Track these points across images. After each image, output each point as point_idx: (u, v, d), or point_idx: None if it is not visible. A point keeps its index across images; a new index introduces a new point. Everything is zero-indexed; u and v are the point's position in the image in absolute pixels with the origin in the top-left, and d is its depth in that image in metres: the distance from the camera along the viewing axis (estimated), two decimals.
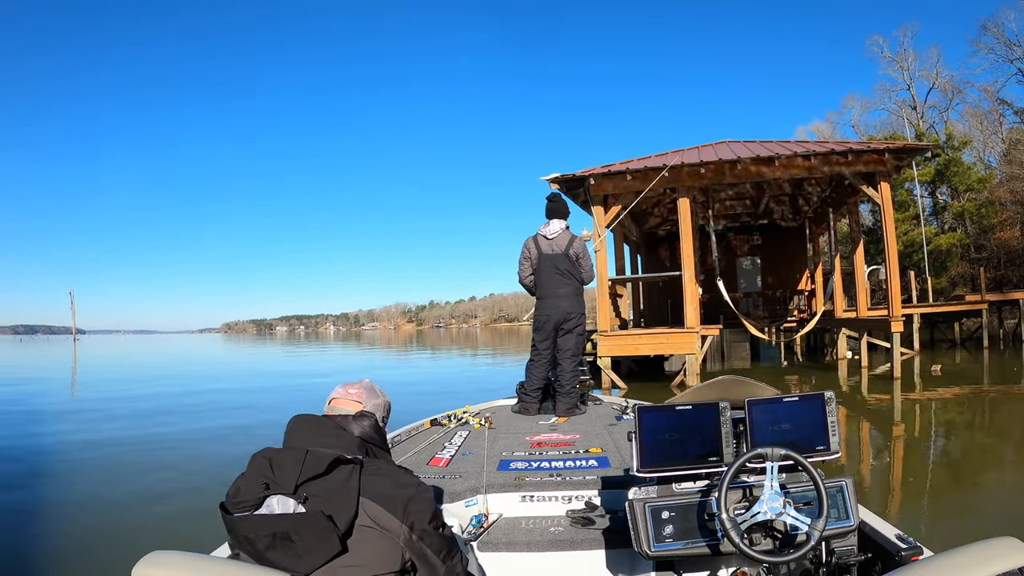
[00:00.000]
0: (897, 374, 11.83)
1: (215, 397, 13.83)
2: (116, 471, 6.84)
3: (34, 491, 6.11)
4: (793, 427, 2.09)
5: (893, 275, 12.49)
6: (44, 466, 7.19)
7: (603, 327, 12.53)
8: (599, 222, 12.56)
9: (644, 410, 2.07)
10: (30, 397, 14.52)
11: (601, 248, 12.51)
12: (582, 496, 2.78)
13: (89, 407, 12.55)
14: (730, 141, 14.29)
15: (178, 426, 9.75)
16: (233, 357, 36.02)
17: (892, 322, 12.06)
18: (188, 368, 25.98)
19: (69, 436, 9.14)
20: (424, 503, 1.50)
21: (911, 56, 38.13)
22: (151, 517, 5.15)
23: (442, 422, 4.25)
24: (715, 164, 12.08)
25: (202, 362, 30.88)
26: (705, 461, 2.08)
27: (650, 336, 12.55)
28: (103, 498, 5.80)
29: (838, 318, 15.75)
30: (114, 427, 9.70)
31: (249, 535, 1.38)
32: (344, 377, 1.99)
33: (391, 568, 1.44)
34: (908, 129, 36.07)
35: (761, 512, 1.84)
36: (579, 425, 4.18)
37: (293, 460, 1.43)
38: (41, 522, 5.15)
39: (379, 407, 1.77)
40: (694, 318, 12.33)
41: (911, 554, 1.88)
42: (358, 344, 56.01)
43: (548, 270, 4.91)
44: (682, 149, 13.90)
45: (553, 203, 5.03)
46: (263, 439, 5.67)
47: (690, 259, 12.48)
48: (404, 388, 14.28)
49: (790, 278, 20.02)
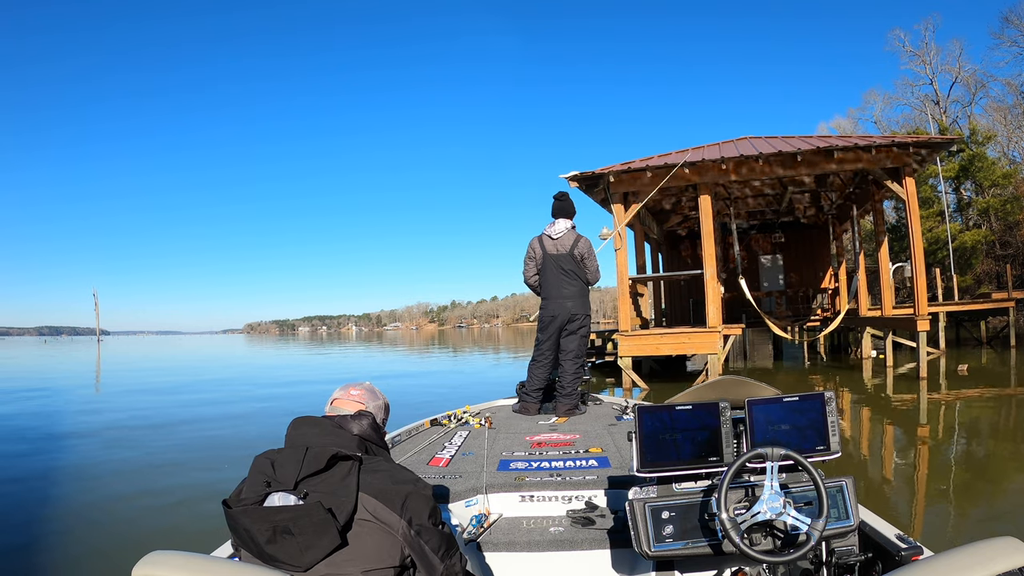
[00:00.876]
0: (923, 374, 11.52)
1: (243, 397, 13.91)
2: (136, 471, 6.85)
3: (53, 489, 6.14)
4: (793, 427, 2.10)
5: (919, 272, 12.20)
6: (60, 465, 7.22)
7: (624, 327, 12.37)
8: (619, 220, 12.41)
9: (644, 410, 2.08)
10: (47, 398, 14.68)
11: (621, 247, 12.37)
12: (582, 496, 2.79)
13: (107, 407, 12.67)
14: (751, 137, 14.06)
15: (196, 427, 9.79)
16: (261, 358, 36.20)
17: (918, 320, 11.77)
18: (212, 369, 26.16)
19: (82, 437, 9.19)
20: (422, 499, 1.51)
21: (933, 50, 37.53)
22: (168, 516, 5.16)
23: (442, 422, 4.26)
24: (736, 160, 11.88)
25: (225, 362, 31.15)
26: (705, 461, 2.08)
27: (671, 336, 12.38)
28: (123, 496, 5.81)
29: (862, 317, 15.48)
30: (128, 422, 9.77)
31: (249, 527, 1.40)
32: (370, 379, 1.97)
33: (391, 563, 1.45)
34: (931, 124, 35.41)
35: (761, 512, 1.84)
36: (579, 425, 4.18)
37: (293, 458, 1.45)
38: (54, 519, 5.17)
39: (379, 408, 1.80)
40: (716, 317, 12.15)
41: (911, 554, 1.87)
42: (380, 344, 55.98)
43: (553, 270, 4.84)
44: (703, 146, 13.72)
45: (559, 202, 4.94)
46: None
47: (712, 257, 12.30)
48: (429, 386, 14.26)
49: (813, 276, 19.72)
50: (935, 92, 37.57)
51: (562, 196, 4.96)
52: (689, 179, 12.22)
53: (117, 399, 14.57)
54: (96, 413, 11.78)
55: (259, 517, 1.39)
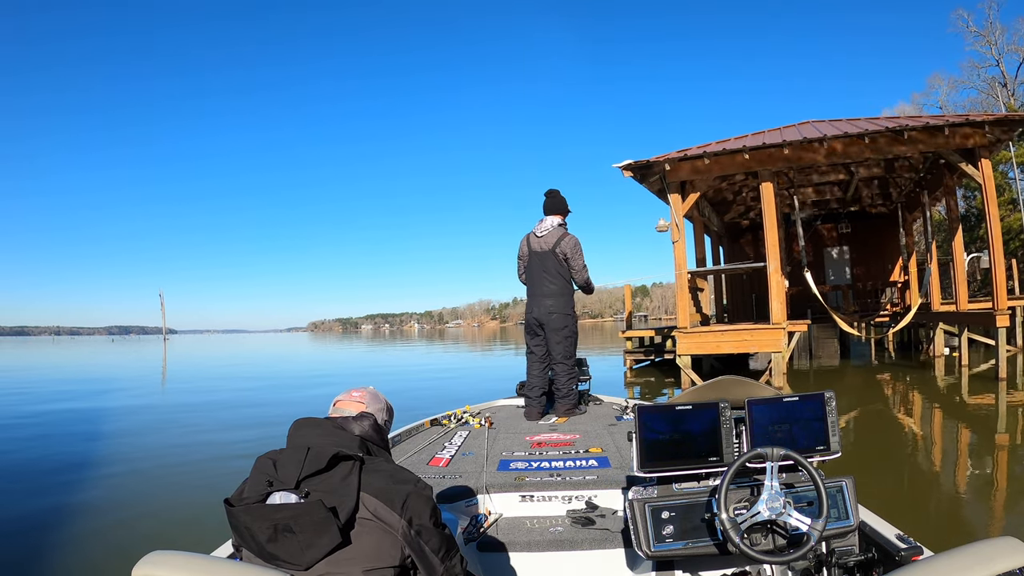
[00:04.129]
0: (1003, 374, 10.43)
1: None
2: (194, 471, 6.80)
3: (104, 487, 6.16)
4: (793, 427, 2.10)
5: (998, 263, 11.14)
6: (117, 461, 7.23)
7: (682, 323, 11.72)
8: (676, 211, 11.78)
9: (644, 410, 2.07)
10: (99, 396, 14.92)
11: (679, 238, 11.74)
12: (582, 496, 2.79)
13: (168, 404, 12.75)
14: (814, 121, 13.23)
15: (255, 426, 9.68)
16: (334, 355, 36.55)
17: (997, 316, 10.68)
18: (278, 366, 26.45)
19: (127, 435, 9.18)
20: (422, 499, 1.50)
21: (998, 29, 35.33)
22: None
23: (442, 422, 4.28)
24: (799, 144, 11.09)
25: (294, 360, 31.51)
26: (705, 461, 2.08)
27: (733, 333, 11.67)
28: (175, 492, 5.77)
29: (935, 312, 14.45)
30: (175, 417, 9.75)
31: (251, 526, 1.39)
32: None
33: (391, 562, 1.44)
34: (1000, 108, 33.35)
35: (761, 512, 1.84)
36: (579, 425, 4.18)
37: (295, 458, 1.44)
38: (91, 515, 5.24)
39: (381, 410, 1.79)
40: (780, 313, 11.38)
41: (911, 554, 1.85)
42: (442, 341, 56.14)
43: (536, 268, 4.81)
44: (763, 131, 12.99)
45: (549, 199, 4.88)
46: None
47: (775, 248, 11.54)
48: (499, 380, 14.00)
49: (881, 269, 18.57)
50: (1002, 74, 35.48)
51: (551, 193, 4.90)
52: (749, 165, 11.50)
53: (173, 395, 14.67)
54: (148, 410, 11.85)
55: (260, 515, 1.39)
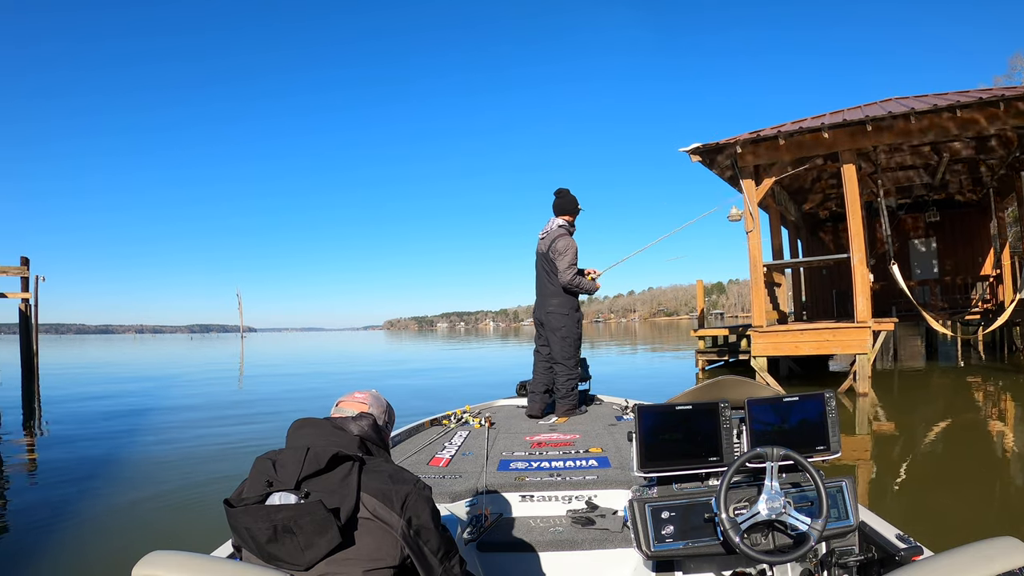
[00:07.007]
0: None
1: None
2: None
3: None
4: (793, 427, 2.08)
5: None
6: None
7: (757, 322, 10.65)
8: (750, 198, 10.71)
9: (644, 410, 2.05)
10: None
11: (753, 228, 10.67)
12: (582, 496, 2.79)
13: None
14: (898, 98, 11.97)
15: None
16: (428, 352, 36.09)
17: None
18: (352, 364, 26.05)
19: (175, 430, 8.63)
20: (422, 500, 1.48)
21: None
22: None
23: (442, 422, 4.28)
24: (883, 121, 9.90)
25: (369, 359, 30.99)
26: (705, 461, 2.06)
27: (813, 332, 10.51)
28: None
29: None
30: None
31: (250, 526, 1.36)
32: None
33: (390, 562, 1.41)
34: None
35: (761, 512, 1.82)
36: (579, 425, 4.19)
37: (294, 458, 1.42)
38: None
39: (382, 411, 1.77)
40: (866, 310, 10.18)
41: (911, 554, 1.83)
42: (517, 338, 55.34)
43: (539, 269, 4.91)
44: (842, 109, 11.83)
45: (557, 199, 4.89)
46: None
47: (859, 237, 10.33)
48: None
49: (971, 262, 16.99)
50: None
51: (560, 193, 4.91)
52: (829, 146, 10.34)
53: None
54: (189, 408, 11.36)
55: (260, 516, 1.36)
